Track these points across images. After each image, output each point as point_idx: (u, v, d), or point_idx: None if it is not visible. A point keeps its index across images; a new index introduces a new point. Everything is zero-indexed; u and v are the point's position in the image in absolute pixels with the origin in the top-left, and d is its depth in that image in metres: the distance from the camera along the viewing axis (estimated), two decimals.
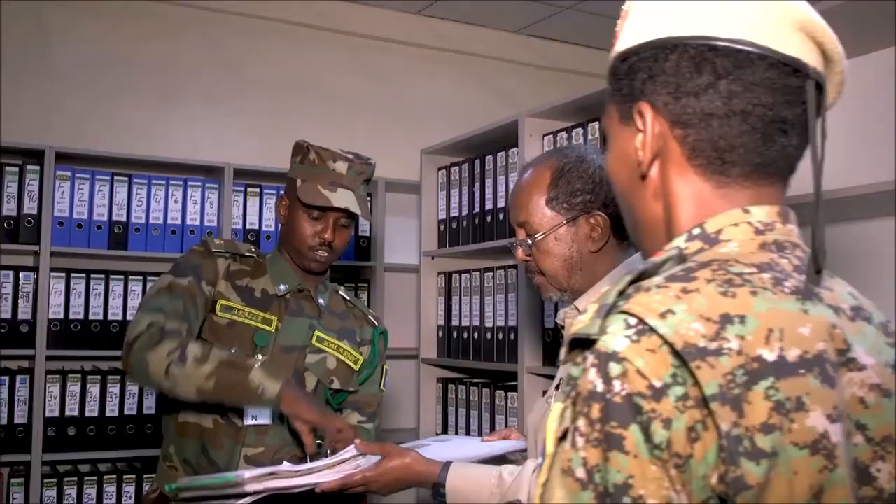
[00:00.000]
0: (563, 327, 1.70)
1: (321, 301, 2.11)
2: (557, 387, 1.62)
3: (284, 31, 4.07)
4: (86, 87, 3.62)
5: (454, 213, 3.31)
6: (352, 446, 1.66)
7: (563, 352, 0.74)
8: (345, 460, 1.64)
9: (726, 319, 0.69)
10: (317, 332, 2.06)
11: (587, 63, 4.71)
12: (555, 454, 0.70)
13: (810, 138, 0.81)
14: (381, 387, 2.15)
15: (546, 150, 2.74)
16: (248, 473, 1.59)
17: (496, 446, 1.84)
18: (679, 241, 0.81)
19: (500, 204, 3.02)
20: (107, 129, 3.62)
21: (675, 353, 0.67)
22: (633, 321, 0.69)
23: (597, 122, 2.59)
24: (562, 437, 0.70)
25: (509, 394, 2.98)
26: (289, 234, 2.06)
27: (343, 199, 1.98)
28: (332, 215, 2.00)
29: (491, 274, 3.13)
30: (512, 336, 2.99)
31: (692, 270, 0.74)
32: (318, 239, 2.00)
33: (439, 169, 3.42)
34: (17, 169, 3.21)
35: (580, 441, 0.67)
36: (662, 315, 0.68)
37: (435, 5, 4.27)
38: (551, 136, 2.80)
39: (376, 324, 2.20)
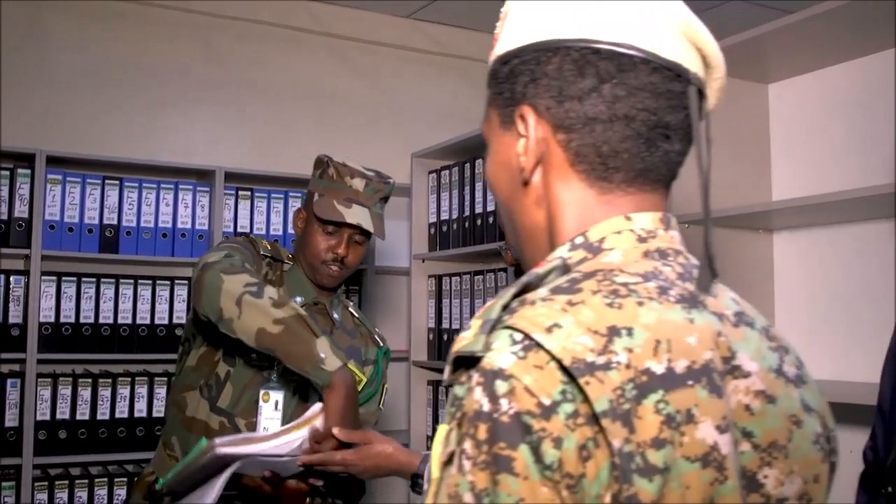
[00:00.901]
0: None
1: (336, 316, 2.10)
2: None
3: (276, 35, 4.08)
4: (77, 90, 3.63)
5: (444, 216, 3.32)
6: (318, 405, 1.67)
7: (446, 371, 0.70)
8: (310, 419, 1.66)
9: (614, 332, 0.65)
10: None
11: None
12: (440, 479, 0.66)
13: (695, 144, 0.79)
14: (381, 405, 2.14)
15: None
16: (218, 440, 1.57)
17: None
18: (562, 251, 0.78)
19: (490, 207, 3.03)
20: (98, 132, 3.62)
21: (564, 369, 0.63)
22: (518, 336, 0.65)
23: None
24: (447, 462, 0.66)
25: None
26: (303, 247, 2.05)
27: (357, 215, 1.97)
28: (347, 231, 2.00)
29: (481, 277, 3.15)
30: None
31: (577, 281, 0.71)
32: (331, 254, 1.99)
33: (430, 172, 3.44)
34: (8, 172, 3.21)
35: (467, 464, 0.63)
36: (549, 329, 0.65)
37: (426, 9, 4.28)
38: None
39: (381, 343, 2.18)
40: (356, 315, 2.20)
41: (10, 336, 3.15)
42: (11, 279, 3.19)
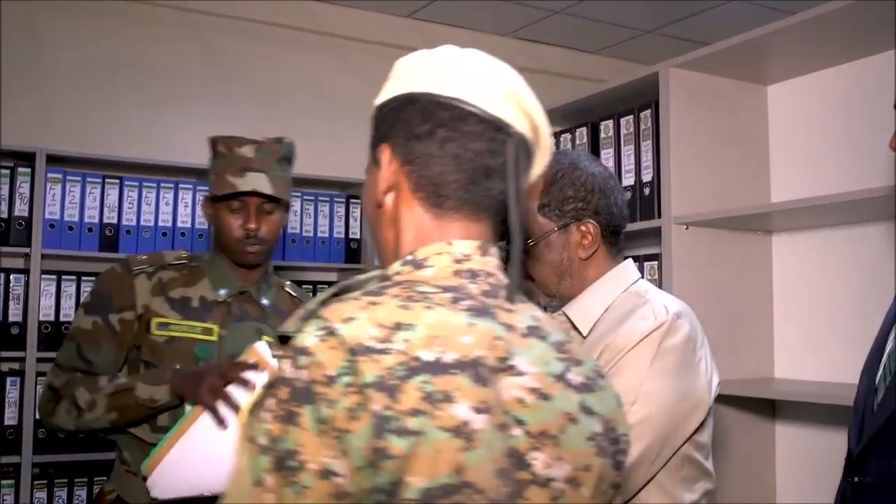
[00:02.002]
0: None
1: (264, 301, 2.04)
2: None
3: (276, 35, 4.08)
4: (78, 89, 3.63)
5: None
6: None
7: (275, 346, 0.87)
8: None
9: (398, 326, 0.84)
10: (265, 336, 1.94)
11: (578, 66, 4.74)
12: (247, 424, 0.85)
13: (507, 185, 0.97)
14: None
15: None
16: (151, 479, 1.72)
17: None
18: (397, 265, 0.98)
19: None
20: (98, 131, 3.62)
21: (350, 350, 0.82)
22: (323, 324, 0.85)
23: (585, 128, 2.62)
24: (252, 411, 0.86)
25: None
26: (217, 234, 2.00)
27: (250, 182, 1.90)
28: (252, 203, 1.93)
29: None
30: None
31: (386, 288, 0.91)
32: (241, 231, 1.93)
33: None
34: (8, 171, 3.21)
35: (267, 416, 0.82)
36: (346, 321, 0.84)
37: (426, 9, 4.28)
38: None
39: None
40: (294, 294, 2.14)
41: (10, 334, 3.15)
42: (11, 278, 3.19)
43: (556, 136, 2.74)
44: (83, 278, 3.29)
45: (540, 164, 1.05)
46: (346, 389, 0.80)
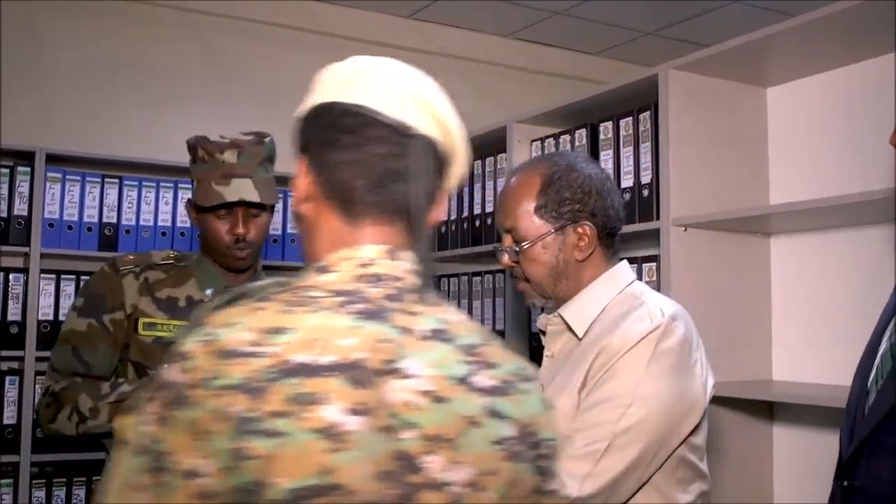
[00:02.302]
0: (543, 333, 1.72)
1: None
2: None
3: (275, 35, 4.08)
4: (78, 89, 3.63)
5: (443, 216, 3.32)
6: None
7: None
8: None
9: (276, 330, 0.86)
10: None
11: (579, 67, 4.74)
12: (129, 426, 0.87)
13: (408, 186, 0.99)
14: None
15: (534, 155, 2.77)
16: None
17: None
18: (307, 272, 1.00)
19: (489, 209, 3.04)
20: (98, 131, 3.62)
21: (222, 354, 0.84)
22: (207, 329, 0.88)
23: (584, 129, 2.62)
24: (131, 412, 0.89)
25: None
26: (204, 237, 2.00)
27: (237, 190, 1.89)
28: (239, 209, 1.93)
29: (479, 278, 3.16)
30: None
31: (277, 293, 0.93)
32: (230, 236, 1.93)
33: None
34: (7, 170, 3.21)
35: (148, 418, 0.85)
36: (226, 326, 0.87)
37: (426, 9, 4.28)
38: (539, 141, 2.82)
39: None
40: None
41: (9, 334, 3.15)
42: (10, 277, 3.19)
43: (556, 137, 2.74)
44: (82, 278, 3.29)
45: (458, 168, 1.06)
46: (214, 392, 0.83)
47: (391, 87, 1.02)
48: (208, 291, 1.99)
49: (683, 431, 1.50)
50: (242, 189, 1.90)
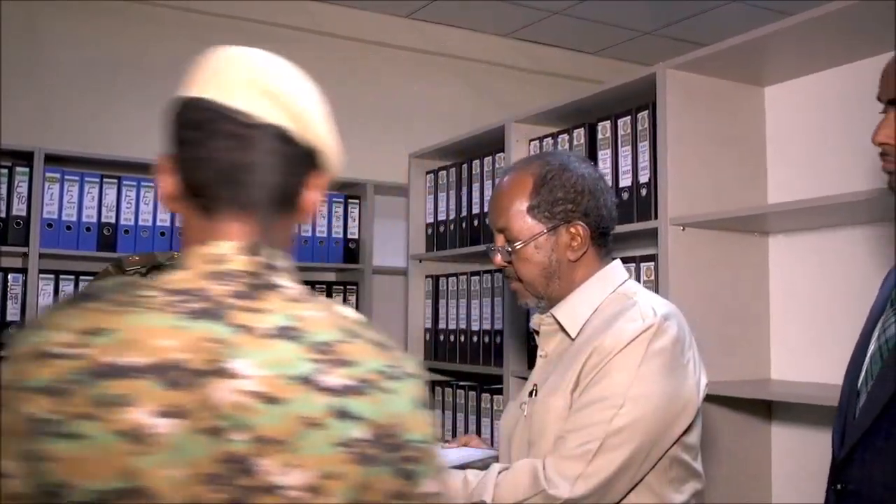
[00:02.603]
0: (537, 333, 1.72)
1: None
2: (531, 393, 1.64)
3: (274, 34, 4.08)
4: (77, 89, 3.63)
5: (441, 216, 3.33)
6: None
7: None
8: None
9: (94, 332, 0.86)
10: None
11: (577, 67, 4.74)
12: None
13: (253, 178, 0.96)
14: None
15: (532, 154, 2.76)
16: None
17: (457, 453, 1.82)
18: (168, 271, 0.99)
19: (487, 209, 3.03)
20: (97, 131, 3.62)
21: (36, 356, 0.85)
22: (35, 331, 0.89)
23: (582, 129, 2.62)
24: None
25: (495, 397, 3.00)
26: None
27: None
28: None
29: (477, 278, 3.16)
30: (498, 339, 3.01)
31: (114, 293, 0.92)
32: None
33: (427, 173, 3.44)
34: (6, 171, 3.21)
35: None
36: (53, 327, 0.87)
37: (425, 9, 4.29)
38: (537, 141, 2.82)
39: None
40: None
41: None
42: (9, 277, 3.20)
43: (554, 136, 2.74)
44: (81, 278, 3.30)
45: (327, 156, 1.03)
46: (20, 394, 0.84)
47: (236, 78, 0.99)
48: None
49: (676, 431, 1.50)
50: None
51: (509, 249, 1.63)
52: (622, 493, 1.46)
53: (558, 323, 1.63)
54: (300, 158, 1.00)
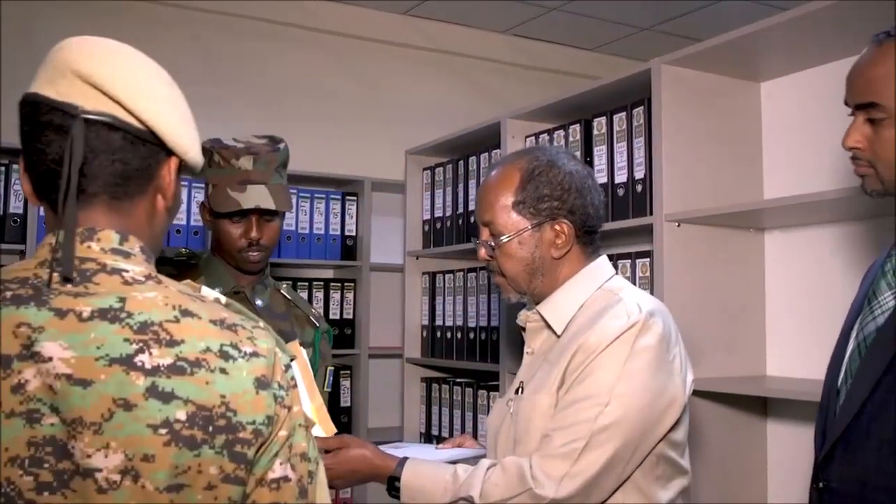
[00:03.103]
0: (523, 329, 1.71)
1: (258, 303, 2.06)
2: (518, 390, 1.63)
3: (271, 32, 4.08)
4: None
5: (438, 213, 3.32)
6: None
7: None
8: None
9: None
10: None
11: (574, 63, 4.73)
12: None
13: (63, 168, 0.95)
14: (326, 387, 2.12)
15: None
16: None
17: (451, 453, 1.84)
18: None
19: None
20: None
21: None
22: None
23: (578, 125, 2.61)
24: None
25: (491, 393, 2.99)
26: (217, 239, 2.03)
27: (253, 198, 1.93)
28: (252, 214, 1.97)
29: (474, 274, 3.15)
30: (494, 336, 3.01)
31: None
32: (244, 240, 1.97)
33: (424, 169, 3.44)
34: (3, 168, 3.21)
35: None
36: None
37: (422, 5, 4.28)
38: (533, 137, 2.81)
39: (318, 324, 2.15)
40: (289, 297, 2.16)
41: None
42: None
43: (549, 133, 2.74)
44: None
45: (176, 145, 1.03)
46: None
47: (62, 70, 0.98)
48: (215, 291, 1.99)
49: (662, 428, 1.49)
50: (258, 196, 1.93)
51: (493, 244, 1.63)
52: (609, 490, 1.46)
53: (544, 320, 1.62)
54: (137, 143, 1.00)
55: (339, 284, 3.91)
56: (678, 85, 2.27)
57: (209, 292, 1.02)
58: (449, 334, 3.25)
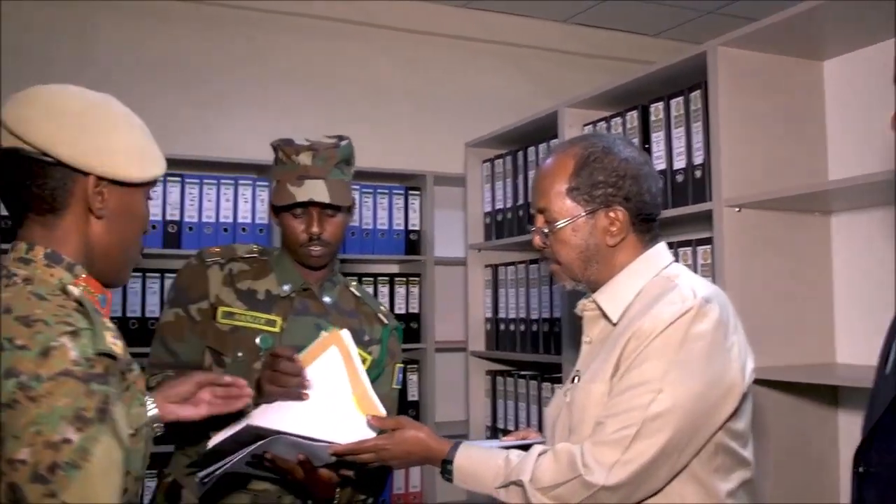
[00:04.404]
0: (580, 318, 1.69)
1: (327, 299, 2.08)
2: (573, 379, 1.62)
3: (329, 28, 4.12)
4: (124, 87, 3.72)
5: (499, 205, 3.31)
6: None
7: None
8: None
9: None
10: (323, 332, 1.97)
11: (632, 50, 4.66)
12: None
13: (14, 195, 1.26)
14: (395, 384, 2.13)
15: None
16: (256, 411, 1.76)
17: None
18: None
19: None
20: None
21: None
22: None
23: (635, 111, 2.57)
24: None
25: (555, 385, 2.97)
26: (283, 235, 2.07)
27: (308, 191, 1.95)
28: (313, 209, 1.99)
29: (535, 266, 3.13)
30: (556, 328, 2.98)
31: None
32: (305, 235, 1.99)
33: (483, 161, 3.43)
34: None
35: None
36: None
37: None
38: (591, 125, 2.78)
39: (386, 322, 2.16)
40: (358, 294, 2.18)
41: None
42: None
43: (607, 120, 2.70)
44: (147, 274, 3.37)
45: (76, 161, 1.22)
46: None
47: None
48: (286, 287, 2.04)
49: (720, 417, 1.46)
50: (314, 190, 1.96)
51: (546, 231, 1.61)
52: (663, 480, 1.43)
53: (600, 308, 1.60)
54: (49, 167, 1.21)
55: (405, 279, 3.93)
56: (735, 66, 2.21)
57: (75, 293, 1.19)
58: (512, 327, 3.24)
